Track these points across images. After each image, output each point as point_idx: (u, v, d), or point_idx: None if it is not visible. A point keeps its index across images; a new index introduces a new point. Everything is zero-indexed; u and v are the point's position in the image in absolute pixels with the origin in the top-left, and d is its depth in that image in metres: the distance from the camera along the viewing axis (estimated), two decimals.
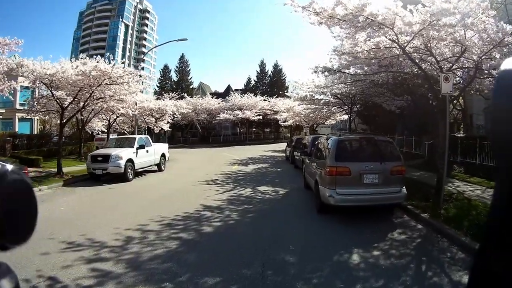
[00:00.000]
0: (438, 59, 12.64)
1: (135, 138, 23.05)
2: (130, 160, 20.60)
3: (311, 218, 10.98)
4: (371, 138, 12.00)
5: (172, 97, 58.83)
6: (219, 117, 67.53)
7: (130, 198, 15.21)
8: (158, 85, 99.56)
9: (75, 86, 21.03)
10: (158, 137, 68.51)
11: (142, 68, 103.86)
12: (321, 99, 31.68)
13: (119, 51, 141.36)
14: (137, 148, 21.83)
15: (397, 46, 12.26)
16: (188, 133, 79.55)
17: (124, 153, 20.35)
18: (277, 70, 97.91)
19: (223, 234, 9.62)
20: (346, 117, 46.38)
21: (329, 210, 10.79)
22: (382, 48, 12.55)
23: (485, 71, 13.02)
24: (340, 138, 11.36)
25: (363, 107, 33.28)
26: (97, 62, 20.78)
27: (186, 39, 33.67)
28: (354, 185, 10.19)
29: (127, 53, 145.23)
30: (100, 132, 40.35)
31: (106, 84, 21.67)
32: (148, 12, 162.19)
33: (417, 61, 13.02)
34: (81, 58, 21.36)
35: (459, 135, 23.63)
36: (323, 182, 10.79)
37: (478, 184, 15.10)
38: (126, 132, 44.55)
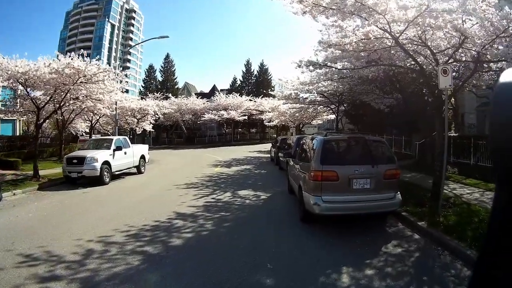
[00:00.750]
0: (434, 51, 11.54)
1: (112, 139, 22.03)
2: (106, 163, 19.66)
3: (294, 228, 9.77)
4: (361, 138, 10.61)
5: (157, 97, 58.83)
6: (204, 117, 67.05)
7: (102, 204, 14.07)
8: (143, 85, 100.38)
9: (49, 85, 20.02)
10: (143, 138, 68.76)
11: (128, 68, 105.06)
12: (306, 98, 30.81)
13: (105, 51, 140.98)
14: (114, 150, 20.80)
15: (389, 37, 11.15)
16: (173, 134, 79.22)
17: (100, 155, 19.37)
18: (263, 70, 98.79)
19: (193, 248, 8.41)
20: (333, 116, 45.69)
21: (314, 218, 9.59)
22: (372, 38, 11.39)
23: (485, 64, 12.00)
24: (326, 138, 10.06)
25: (351, 106, 32.28)
26: (71, 59, 19.81)
27: (168, 36, 33.85)
28: (342, 191, 8.99)
29: (113, 53, 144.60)
30: (84, 133, 39.32)
31: (81, 82, 20.74)
32: (135, 12, 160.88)
33: (411, 53, 11.88)
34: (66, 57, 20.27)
35: (452, 135, 22.75)
36: (307, 187, 9.56)
37: (475, 186, 14.19)
38: (109, 133, 43.56)
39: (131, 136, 48.93)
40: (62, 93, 20.79)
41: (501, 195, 1.05)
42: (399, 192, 9.58)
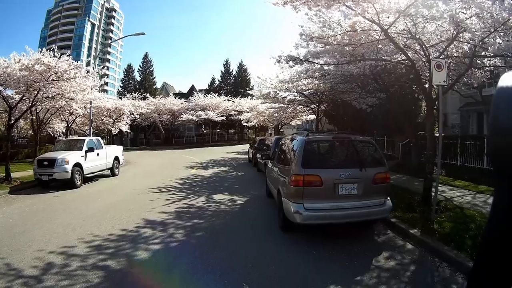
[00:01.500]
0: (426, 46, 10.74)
1: (84, 140, 20.85)
2: (77, 165, 18.69)
3: (274, 239, 8.74)
4: (347, 138, 9.53)
5: (135, 97, 57.99)
6: (182, 118, 66.49)
7: (70, 209, 12.95)
8: (121, 85, 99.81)
9: (20, 82, 19.04)
10: (121, 139, 67.88)
11: (107, 68, 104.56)
12: (285, 97, 29.88)
13: (84, 50, 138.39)
14: (86, 151, 19.75)
15: (377, 29, 10.31)
16: (150, 135, 78.43)
17: (71, 157, 18.40)
18: (242, 70, 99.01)
19: (159, 263, 7.39)
20: (312, 117, 44.93)
21: (295, 227, 8.64)
22: (359, 31, 10.47)
23: (478, 61, 11.25)
24: (308, 139, 8.99)
25: (331, 106, 31.45)
26: (42, 54, 19.12)
27: (144, 33, 32.41)
28: (327, 198, 8.03)
29: (93, 53, 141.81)
30: (62, 134, 37.77)
31: (53, 80, 19.84)
32: (115, 11, 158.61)
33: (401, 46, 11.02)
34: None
35: (437, 135, 22.12)
36: (287, 193, 8.62)
37: (465, 188, 13.63)
38: (86, 134, 41.63)
39: (108, 137, 48.05)
40: (35, 91, 19.86)
41: (501, 199, 1.06)
42: (389, 198, 8.68)
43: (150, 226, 10.13)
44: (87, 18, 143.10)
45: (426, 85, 11.57)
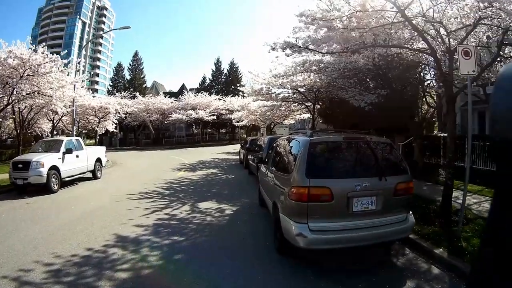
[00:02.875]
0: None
1: (62, 140, 19.18)
2: (54, 168, 17.15)
3: (270, 264, 7.00)
4: (361, 138, 7.46)
5: (124, 96, 56.65)
6: (172, 117, 65.35)
7: (40, 219, 11.40)
8: (111, 84, 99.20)
9: None
10: (110, 139, 66.52)
11: (98, 67, 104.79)
12: (279, 94, 28.11)
13: (75, 49, 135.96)
14: (64, 153, 18.16)
15: (392, 10, 8.70)
16: (140, 135, 77.10)
17: (47, 159, 16.85)
18: (233, 68, 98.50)
19: None
20: (306, 116, 43.36)
21: (296, 250, 6.80)
22: (370, 11, 8.86)
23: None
24: (313, 140, 7.10)
25: (328, 103, 29.78)
26: (17, 47, 18.36)
27: (129, 27, 31.12)
28: (338, 216, 6.37)
29: (83, 52, 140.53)
30: (49, 134, 36.06)
31: (28, 75, 18.87)
32: (106, 9, 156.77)
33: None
34: None
35: (441, 135, 20.83)
36: (286, 210, 6.92)
37: (480, 194, 12.40)
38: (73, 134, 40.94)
39: (95, 137, 46.83)
40: (11, 88, 18.85)
41: (503, 187, 1.11)
42: (411, 212, 7.09)
43: (121, 244, 8.52)
44: (78, 16, 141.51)
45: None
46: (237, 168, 25.77)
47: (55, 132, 35.95)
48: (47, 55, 19.34)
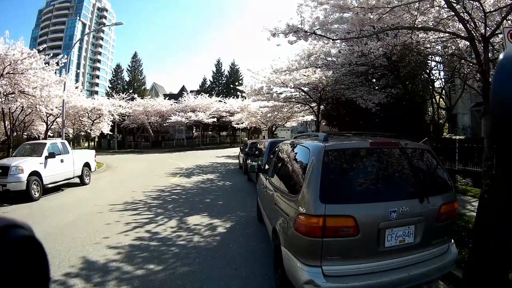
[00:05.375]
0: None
1: (45, 144, 17.61)
2: (35, 173, 15.74)
3: None
4: (395, 144, 5.37)
5: (123, 97, 55.95)
6: (171, 119, 63.79)
7: None
8: (110, 85, 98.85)
9: None
10: (108, 142, 65.47)
11: (98, 69, 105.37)
12: (281, 93, 26.23)
13: (75, 51, 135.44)
14: (47, 157, 16.69)
15: None
16: (139, 137, 75.71)
17: (26, 164, 15.46)
18: (234, 70, 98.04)
19: None
20: (309, 118, 41.77)
21: None
22: None
23: None
24: (329, 147, 5.01)
25: (334, 104, 28.07)
26: None
27: (122, 23, 32.13)
28: (365, 254, 4.50)
29: (83, 53, 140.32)
30: (48, 137, 34.58)
31: (8, 73, 17.74)
32: (106, 11, 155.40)
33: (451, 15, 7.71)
34: None
35: (457, 138, 19.34)
36: (292, 245, 4.95)
37: None
38: (70, 136, 42.34)
39: (88, 140, 45.87)
40: None
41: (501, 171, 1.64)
42: (453, 240, 5.30)
43: (85, 273, 6.89)
44: (78, 17, 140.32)
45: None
46: (236, 174, 24.11)
47: (51, 135, 34.78)
48: (23, 49, 18.20)
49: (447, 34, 9.97)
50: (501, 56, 1.15)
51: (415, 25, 8.75)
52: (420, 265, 4.67)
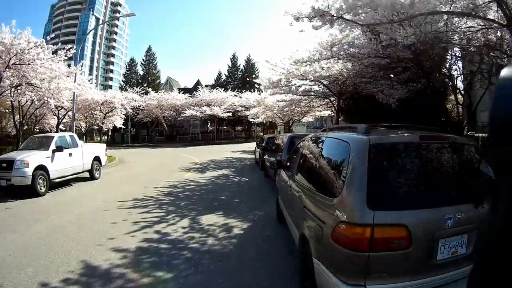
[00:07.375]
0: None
1: (52, 137, 17.08)
2: (41, 167, 15.16)
3: None
4: (445, 138, 4.60)
5: (137, 91, 56.00)
6: (185, 113, 63.24)
7: (5, 232, 9.36)
8: (124, 79, 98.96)
9: None
10: (122, 136, 65.46)
11: (112, 63, 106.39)
12: (299, 86, 25.40)
13: (88, 45, 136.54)
14: (54, 151, 16.13)
15: None
16: (153, 131, 75.76)
17: (32, 158, 14.88)
18: (250, 65, 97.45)
19: None
20: (326, 113, 40.95)
21: None
22: None
23: None
24: (374, 141, 4.14)
25: (355, 99, 27.29)
26: None
27: (134, 14, 32.39)
28: (416, 270, 3.71)
29: (97, 48, 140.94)
30: (60, 130, 34.40)
31: (14, 64, 17.31)
32: (120, 5, 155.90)
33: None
34: None
35: (480, 135, 18.40)
36: (327, 258, 4.11)
37: None
38: (82, 130, 42.41)
39: (101, 134, 45.57)
40: None
41: (504, 190, 1.11)
42: None
43: (85, 280, 6.23)
44: (91, 12, 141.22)
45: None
46: (252, 169, 23.43)
47: (63, 128, 34.45)
48: (30, 38, 17.81)
49: (481, 24, 9.29)
50: (502, 73, 1.10)
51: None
52: None
